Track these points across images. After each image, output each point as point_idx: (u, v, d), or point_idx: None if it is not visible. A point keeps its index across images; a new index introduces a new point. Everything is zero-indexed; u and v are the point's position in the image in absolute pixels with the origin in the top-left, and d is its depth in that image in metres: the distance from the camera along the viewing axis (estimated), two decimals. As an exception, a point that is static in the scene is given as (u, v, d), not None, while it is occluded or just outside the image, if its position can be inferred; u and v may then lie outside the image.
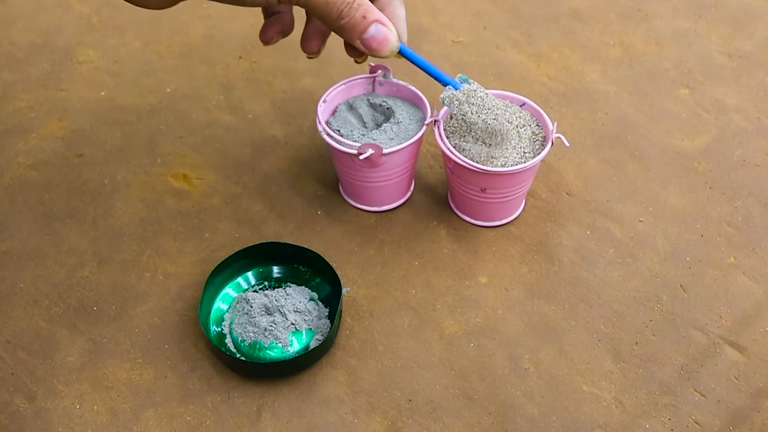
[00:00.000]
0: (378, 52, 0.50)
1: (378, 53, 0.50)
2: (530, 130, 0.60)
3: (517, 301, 0.59)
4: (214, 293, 0.59)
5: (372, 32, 0.49)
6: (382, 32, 0.49)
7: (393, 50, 0.51)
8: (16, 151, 0.72)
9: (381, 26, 0.49)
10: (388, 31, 0.50)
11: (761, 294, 0.59)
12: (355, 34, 0.49)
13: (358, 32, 0.49)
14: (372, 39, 0.49)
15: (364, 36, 0.49)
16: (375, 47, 0.50)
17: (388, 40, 0.50)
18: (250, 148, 0.72)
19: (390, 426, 0.53)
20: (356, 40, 0.49)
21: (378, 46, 0.50)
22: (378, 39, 0.49)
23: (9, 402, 0.54)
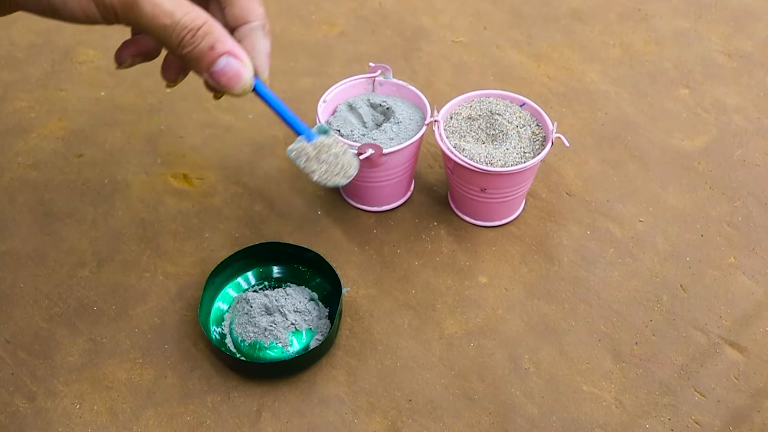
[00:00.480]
0: (227, 89, 0.44)
1: (227, 90, 0.44)
2: (530, 130, 0.61)
3: (517, 301, 0.59)
4: (214, 293, 0.59)
5: (221, 65, 0.42)
6: (233, 66, 0.43)
7: (246, 88, 0.44)
8: (16, 151, 0.72)
9: (233, 59, 0.43)
10: (242, 65, 0.43)
11: (761, 294, 0.59)
12: (201, 66, 0.43)
13: (206, 64, 0.42)
14: (221, 73, 0.43)
15: (213, 69, 0.43)
16: (224, 83, 0.43)
17: (239, 76, 0.43)
18: (250, 148, 0.72)
19: (390, 426, 0.53)
20: (203, 72, 0.43)
21: (227, 82, 0.43)
22: (228, 74, 0.43)
23: (9, 402, 0.54)
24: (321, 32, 0.84)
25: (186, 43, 0.42)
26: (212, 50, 0.42)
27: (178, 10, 0.41)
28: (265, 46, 0.46)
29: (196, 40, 0.42)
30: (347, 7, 0.87)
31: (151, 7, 0.40)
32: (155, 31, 0.41)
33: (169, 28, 0.41)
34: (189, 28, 0.41)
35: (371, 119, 0.64)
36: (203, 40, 0.42)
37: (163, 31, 0.41)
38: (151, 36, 0.42)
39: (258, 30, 0.46)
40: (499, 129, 0.60)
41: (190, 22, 0.41)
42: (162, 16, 0.40)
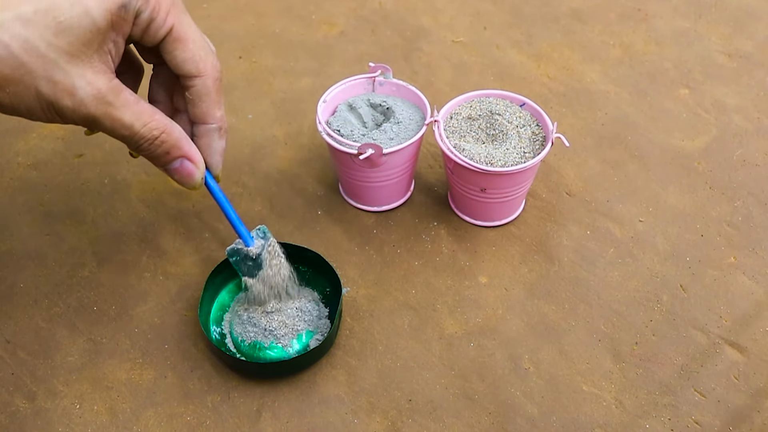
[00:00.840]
0: (181, 184, 0.50)
1: (180, 183, 0.50)
2: (530, 130, 0.61)
3: (517, 301, 0.59)
4: (214, 293, 0.59)
5: (175, 166, 0.48)
6: (186, 168, 0.48)
7: (196, 185, 0.50)
8: (16, 151, 0.72)
9: (186, 162, 0.48)
10: (194, 168, 0.49)
11: (761, 294, 0.59)
12: (158, 165, 0.48)
13: (160, 164, 0.48)
14: (174, 172, 0.49)
15: (167, 168, 0.48)
16: (177, 179, 0.49)
17: (191, 176, 0.49)
18: (250, 148, 0.72)
19: (390, 426, 0.53)
20: (159, 168, 0.49)
21: (180, 179, 0.49)
22: (181, 173, 0.49)
23: (9, 402, 0.54)
24: (321, 32, 0.84)
25: (143, 149, 0.46)
26: (167, 155, 0.47)
27: (137, 122, 0.45)
28: (219, 146, 0.51)
29: (153, 148, 0.46)
30: (347, 7, 0.87)
31: (111, 122, 0.44)
32: (116, 137, 0.45)
33: (127, 138, 0.45)
34: (146, 138, 0.45)
35: (371, 119, 0.64)
36: (160, 147, 0.47)
37: (122, 138, 0.45)
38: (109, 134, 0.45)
39: (214, 132, 0.50)
40: (499, 129, 0.60)
41: (148, 133, 0.45)
42: (121, 129, 0.44)
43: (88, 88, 0.42)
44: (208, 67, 0.47)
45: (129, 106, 0.44)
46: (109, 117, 0.43)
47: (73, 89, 0.42)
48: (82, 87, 0.42)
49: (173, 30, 0.45)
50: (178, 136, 0.47)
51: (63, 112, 0.42)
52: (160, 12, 0.44)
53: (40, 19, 0.40)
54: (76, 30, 0.41)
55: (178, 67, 0.47)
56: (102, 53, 0.42)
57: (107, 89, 0.43)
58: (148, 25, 0.44)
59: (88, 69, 0.42)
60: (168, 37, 0.45)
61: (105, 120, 0.43)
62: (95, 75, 0.42)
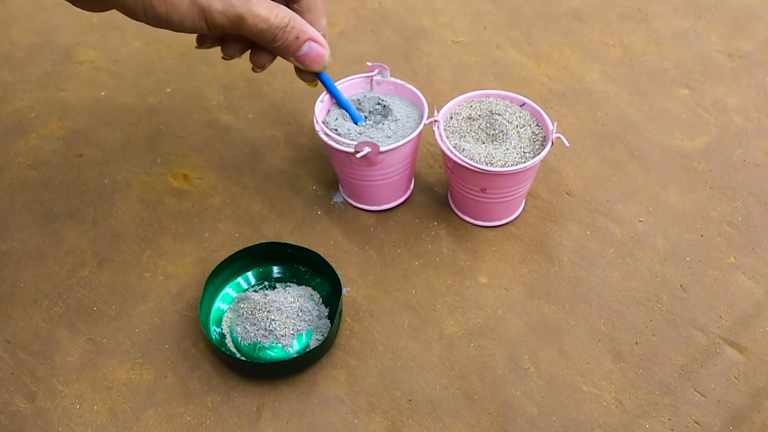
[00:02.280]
0: (310, 67, 0.54)
1: (310, 68, 0.54)
2: (530, 130, 0.60)
3: (517, 301, 0.59)
4: (214, 293, 0.59)
5: (305, 50, 0.53)
6: (314, 50, 0.53)
7: (325, 65, 0.55)
8: (16, 151, 0.72)
9: (314, 44, 0.53)
10: (321, 48, 0.53)
11: (761, 294, 0.59)
12: (289, 53, 0.53)
13: (292, 51, 0.53)
14: (305, 56, 0.53)
15: (298, 54, 0.53)
16: (308, 63, 0.54)
17: (320, 56, 0.54)
18: (250, 148, 0.72)
19: (390, 426, 0.53)
20: (290, 57, 0.53)
21: (310, 63, 0.54)
22: (311, 56, 0.53)
23: (9, 402, 0.54)
24: (321, 32, 0.84)
25: (278, 38, 0.51)
26: (297, 40, 0.52)
27: (271, 15, 0.50)
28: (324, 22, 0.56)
29: (285, 35, 0.51)
30: (347, 7, 0.87)
31: (252, 18, 0.49)
32: (254, 34, 0.50)
33: (265, 31, 0.50)
34: (280, 26, 0.50)
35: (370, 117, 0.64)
36: (291, 33, 0.51)
37: (260, 33, 0.50)
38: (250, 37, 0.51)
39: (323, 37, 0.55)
40: (499, 129, 0.60)
41: (280, 21, 0.50)
42: (260, 23, 0.49)
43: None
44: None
45: (263, 2, 0.49)
46: (251, 13, 0.48)
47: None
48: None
49: None
50: (302, 22, 0.52)
51: (212, 16, 0.47)
52: None
53: None
54: None
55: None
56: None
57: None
58: None
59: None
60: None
61: (248, 16, 0.48)
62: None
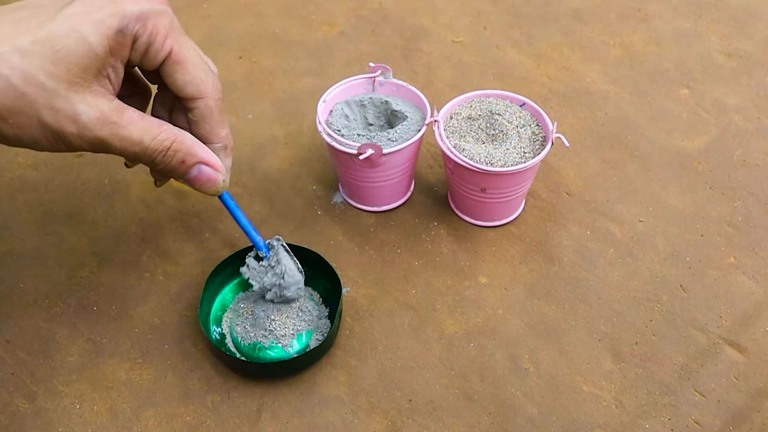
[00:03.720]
0: (202, 191, 0.49)
1: (202, 191, 0.49)
2: (530, 130, 0.60)
3: (517, 301, 0.59)
4: (214, 293, 0.59)
5: (194, 174, 0.48)
6: (205, 173, 0.48)
7: (219, 190, 0.49)
8: (16, 151, 0.72)
9: (204, 167, 0.48)
10: (212, 171, 0.48)
11: (761, 294, 0.59)
12: (176, 176, 0.48)
13: (179, 175, 0.48)
14: (195, 180, 0.48)
15: (187, 177, 0.48)
16: (199, 187, 0.49)
17: (212, 181, 0.48)
18: (250, 148, 0.72)
19: (390, 426, 0.53)
20: (179, 180, 0.48)
21: (202, 186, 0.49)
22: (201, 180, 0.48)
23: (9, 402, 0.54)
24: (321, 32, 0.84)
25: (158, 162, 0.46)
26: (183, 164, 0.47)
27: (146, 137, 0.44)
28: (226, 165, 0.50)
29: (167, 159, 0.46)
30: (347, 7, 0.87)
31: (120, 141, 0.44)
32: (128, 157, 0.45)
33: (139, 154, 0.45)
34: (159, 150, 0.45)
35: (373, 119, 0.64)
36: (173, 157, 0.46)
37: (134, 156, 0.45)
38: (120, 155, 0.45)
39: (220, 151, 0.49)
40: (499, 129, 0.60)
41: (159, 145, 0.45)
42: (131, 147, 0.44)
43: (91, 111, 0.42)
44: (209, 88, 0.47)
45: (135, 122, 0.44)
46: (116, 136, 0.43)
47: (76, 115, 0.42)
48: (85, 112, 0.42)
49: (172, 53, 0.45)
50: (190, 143, 0.47)
51: (68, 139, 0.43)
52: (158, 36, 0.44)
53: (38, 49, 0.40)
54: (73, 58, 0.41)
55: (179, 90, 0.46)
56: (101, 78, 0.43)
57: (110, 110, 0.43)
58: (146, 50, 0.44)
59: (88, 94, 0.42)
60: (167, 61, 0.45)
61: (113, 140, 0.43)
62: (95, 98, 0.42)
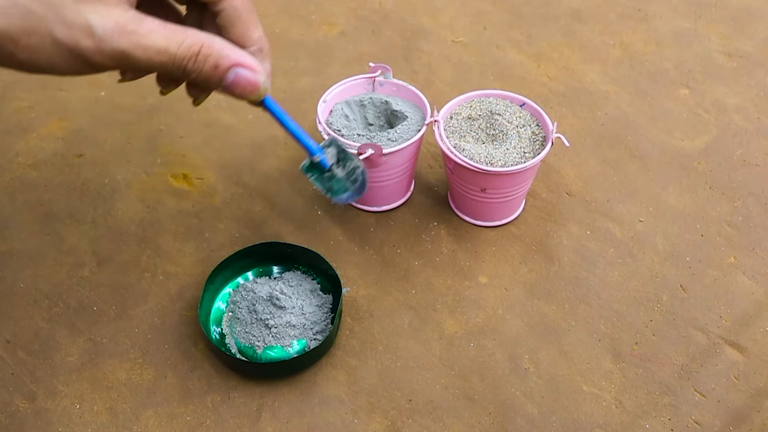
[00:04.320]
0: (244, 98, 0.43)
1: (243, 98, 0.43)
2: (530, 130, 0.60)
3: (517, 301, 0.59)
4: (214, 293, 0.59)
5: (231, 79, 0.42)
6: (242, 77, 0.42)
7: (261, 93, 0.43)
8: (16, 151, 0.72)
9: (241, 70, 0.42)
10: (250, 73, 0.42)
11: (761, 294, 0.59)
12: (211, 85, 0.42)
13: (215, 83, 0.42)
14: (233, 86, 0.42)
15: (224, 84, 0.42)
16: (239, 93, 0.43)
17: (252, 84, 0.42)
18: (250, 148, 0.72)
19: (390, 426, 0.53)
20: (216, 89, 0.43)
21: (242, 92, 0.43)
22: (241, 84, 0.42)
23: (9, 402, 0.54)
24: (321, 32, 0.84)
25: (189, 71, 0.41)
26: (217, 68, 0.41)
27: (171, 44, 0.40)
28: (266, 69, 0.45)
29: (198, 66, 0.41)
30: (347, 7, 0.87)
31: (143, 52, 0.39)
32: (155, 69, 0.41)
33: (167, 63, 0.40)
34: (187, 57, 0.40)
35: (371, 119, 0.64)
36: (205, 62, 0.41)
37: (162, 67, 0.40)
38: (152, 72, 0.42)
39: (256, 55, 0.44)
40: (499, 129, 0.60)
41: (186, 51, 0.40)
42: (156, 56, 0.39)
43: (105, 22, 0.38)
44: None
45: (156, 31, 0.39)
46: (138, 47, 0.39)
47: (89, 27, 0.38)
48: (98, 23, 0.38)
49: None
50: (220, 45, 0.41)
51: (86, 56, 0.38)
52: None
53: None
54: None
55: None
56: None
57: (126, 19, 0.39)
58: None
59: (99, 4, 0.38)
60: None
61: (135, 51, 0.39)
62: (107, 9, 0.38)
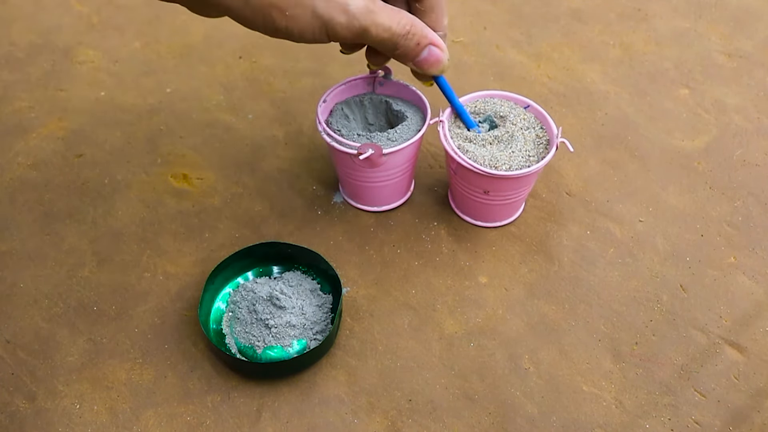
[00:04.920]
0: (428, 71, 0.53)
1: (428, 72, 0.53)
2: (534, 133, 0.60)
3: (517, 301, 0.59)
4: (214, 293, 0.59)
5: (424, 55, 0.52)
6: (434, 54, 0.52)
7: (444, 69, 0.54)
8: (16, 151, 0.72)
9: (433, 48, 0.52)
10: (440, 52, 0.53)
11: (761, 294, 0.59)
12: (408, 58, 0.52)
13: (411, 57, 0.52)
14: (424, 62, 0.52)
15: (417, 59, 0.52)
16: (426, 68, 0.53)
17: (439, 61, 0.53)
18: (250, 148, 0.72)
19: (390, 426, 0.53)
20: (409, 62, 0.52)
21: (429, 67, 0.53)
22: (430, 61, 0.52)
23: (9, 402, 0.54)
24: (321, 32, 0.84)
25: (399, 46, 0.50)
26: (417, 45, 0.51)
27: (393, 22, 0.49)
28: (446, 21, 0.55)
29: (406, 42, 0.50)
30: (347, 7, 0.87)
31: (375, 29, 0.48)
32: (375, 43, 0.50)
33: (387, 40, 0.49)
34: (401, 34, 0.50)
35: (371, 119, 0.64)
36: (411, 39, 0.51)
37: (382, 42, 0.49)
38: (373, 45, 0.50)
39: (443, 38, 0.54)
40: (504, 131, 0.60)
41: (402, 29, 0.50)
42: (383, 33, 0.49)
43: (358, 2, 0.47)
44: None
45: (384, 10, 0.48)
46: (375, 24, 0.48)
47: (347, 5, 0.46)
48: (353, 2, 0.47)
49: None
50: (422, 26, 0.51)
51: (335, 29, 0.47)
52: None
53: None
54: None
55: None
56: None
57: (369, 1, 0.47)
58: None
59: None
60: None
61: (372, 28, 0.48)
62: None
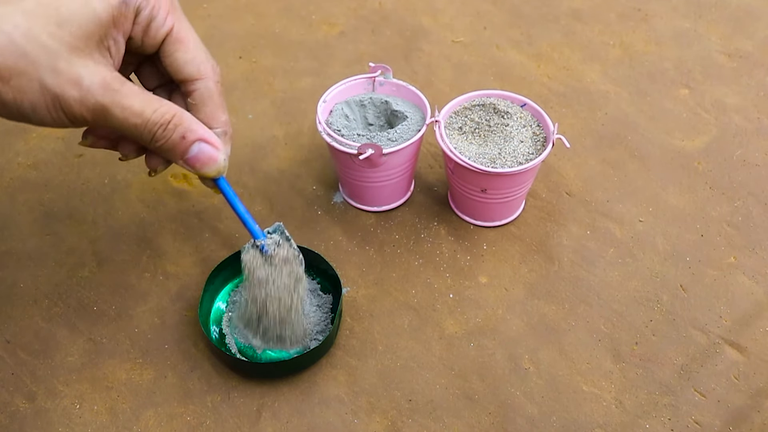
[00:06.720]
0: (203, 173, 0.46)
1: (201, 173, 0.46)
2: (531, 131, 0.60)
3: (517, 301, 0.59)
4: (214, 293, 0.59)
5: (194, 152, 0.45)
6: (205, 152, 0.45)
7: (220, 170, 0.47)
8: (16, 151, 0.72)
9: (204, 145, 0.45)
10: (213, 150, 0.46)
11: (761, 294, 0.59)
12: (175, 155, 0.45)
13: (179, 153, 0.45)
14: (195, 160, 0.45)
15: (186, 156, 0.45)
16: (198, 167, 0.46)
17: (213, 159, 0.46)
18: (250, 148, 0.72)
19: (390, 426, 0.53)
20: (178, 160, 0.46)
21: (201, 167, 0.46)
22: (201, 159, 0.46)
23: (9, 402, 0.54)
24: (321, 32, 0.84)
25: (158, 137, 0.44)
26: (183, 140, 0.44)
27: (148, 108, 0.42)
28: (226, 150, 0.48)
29: (167, 134, 0.44)
30: (347, 7, 0.87)
31: (121, 111, 0.42)
32: (127, 130, 0.43)
33: (140, 126, 0.43)
34: (159, 123, 0.43)
35: (371, 119, 0.64)
36: (174, 132, 0.44)
37: (135, 129, 0.43)
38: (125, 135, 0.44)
39: (220, 136, 0.47)
40: (500, 129, 0.60)
41: (160, 117, 0.43)
42: (132, 117, 0.42)
43: (93, 76, 0.41)
44: (209, 69, 0.47)
45: (136, 94, 0.42)
46: (118, 105, 0.42)
47: (79, 78, 0.40)
48: (87, 76, 0.41)
49: (173, 31, 0.45)
50: (189, 119, 0.45)
51: (69, 105, 0.41)
52: (160, 11, 0.44)
53: (42, 11, 0.40)
54: (77, 21, 0.40)
55: (180, 70, 0.46)
56: (102, 48, 0.42)
57: (111, 78, 0.42)
58: (148, 24, 0.44)
59: (90, 60, 0.41)
60: (168, 38, 0.45)
61: (115, 108, 0.42)
62: (97, 66, 0.41)
